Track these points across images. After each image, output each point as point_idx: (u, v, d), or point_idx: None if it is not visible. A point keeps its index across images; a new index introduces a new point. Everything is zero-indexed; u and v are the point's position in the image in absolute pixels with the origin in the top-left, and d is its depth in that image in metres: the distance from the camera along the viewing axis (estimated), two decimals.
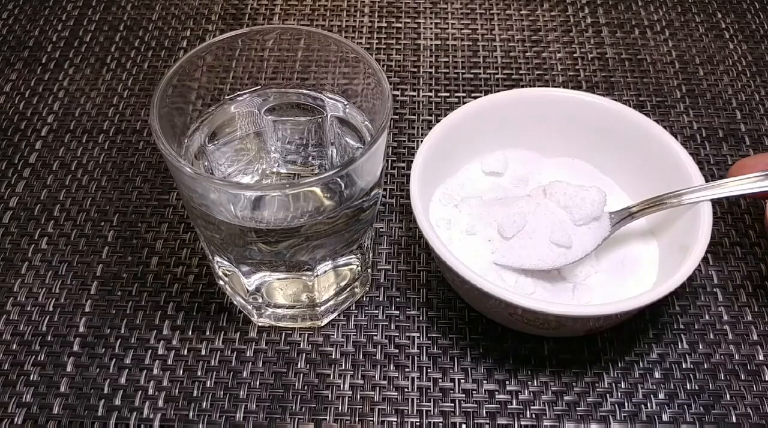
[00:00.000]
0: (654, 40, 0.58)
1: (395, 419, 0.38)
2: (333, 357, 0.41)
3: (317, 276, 0.38)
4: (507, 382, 0.40)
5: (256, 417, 0.38)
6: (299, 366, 0.40)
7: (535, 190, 0.42)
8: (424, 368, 0.40)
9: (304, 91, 0.40)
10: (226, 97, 0.39)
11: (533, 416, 0.38)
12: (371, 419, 0.38)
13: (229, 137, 0.40)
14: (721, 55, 0.57)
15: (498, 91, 0.50)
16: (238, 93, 0.40)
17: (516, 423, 0.38)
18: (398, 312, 0.42)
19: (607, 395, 0.39)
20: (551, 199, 0.40)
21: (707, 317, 0.42)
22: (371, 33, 0.58)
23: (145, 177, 0.49)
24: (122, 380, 0.40)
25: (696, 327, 0.42)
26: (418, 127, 0.52)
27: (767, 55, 0.57)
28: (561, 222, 0.40)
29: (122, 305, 0.43)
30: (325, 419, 0.38)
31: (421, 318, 0.42)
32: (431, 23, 0.59)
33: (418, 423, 0.38)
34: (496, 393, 0.39)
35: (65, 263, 0.44)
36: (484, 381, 0.40)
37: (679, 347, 0.41)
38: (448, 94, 0.54)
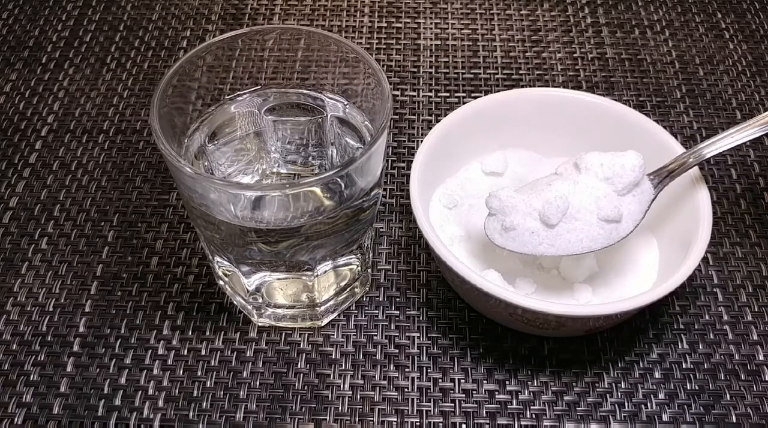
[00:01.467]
0: (654, 40, 0.58)
1: (395, 419, 0.38)
2: (333, 357, 0.41)
3: (317, 276, 0.38)
4: (507, 382, 0.40)
5: (256, 417, 0.38)
6: (299, 366, 0.40)
7: (564, 166, 0.39)
8: (424, 368, 0.40)
9: (304, 91, 0.40)
10: (226, 97, 0.39)
11: (533, 416, 0.38)
12: (371, 419, 0.38)
13: (229, 137, 0.40)
14: (721, 55, 0.57)
15: (498, 91, 0.50)
16: (238, 93, 0.40)
17: (516, 423, 0.38)
18: (398, 312, 0.42)
19: (607, 395, 0.39)
20: (587, 173, 0.38)
21: (707, 317, 0.42)
22: (371, 33, 0.58)
23: (145, 177, 0.49)
24: (122, 380, 0.40)
25: (696, 327, 0.42)
26: (418, 127, 0.52)
27: (767, 55, 0.57)
28: (605, 195, 0.37)
29: (122, 305, 0.43)
30: (325, 419, 0.38)
31: (421, 318, 0.42)
32: (431, 23, 0.59)
33: (418, 423, 0.38)
34: (496, 393, 0.39)
35: (65, 263, 0.44)
36: (484, 381, 0.40)
37: (679, 347, 0.41)
38: (448, 94, 0.54)
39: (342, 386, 0.40)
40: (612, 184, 0.37)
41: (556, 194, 0.37)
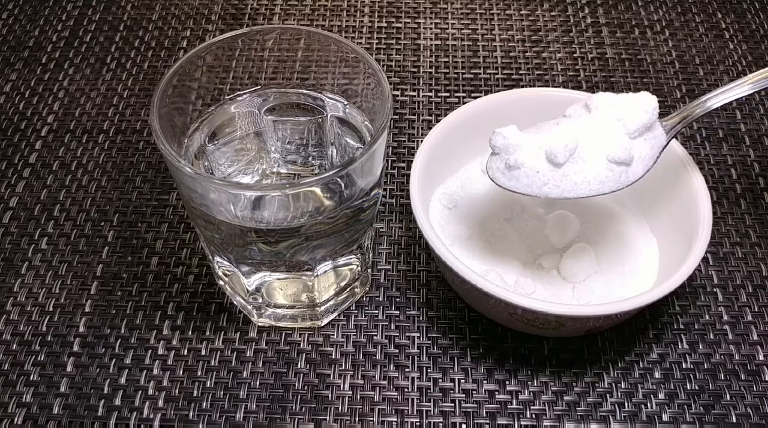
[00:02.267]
0: (654, 40, 0.58)
1: (395, 419, 0.38)
2: (333, 357, 0.41)
3: (317, 276, 0.38)
4: (507, 382, 0.40)
5: (256, 417, 0.38)
6: (299, 366, 0.40)
7: (574, 107, 0.38)
8: (424, 368, 0.40)
9: (304, 91, 0.40)
10: (226, 97, 0.39)
11: (533, 416, 0.38)
12: (371, 419, 0.38)
13: (229, 137, 0.40)
14: (721, 55, 0.57)
15: (498, 91, 0.50)
16: (238, 93, 0.40)
17: (516, 423, 0.38)
18: (398, 312, 0.42)
19: (607, 395, 0.39)
20: (597, 112, 0.36)
21: (707, 317, 0.42)
22: (371, 33, 0.58)
23: (145, 177, 0.49)
24: (122, 380, 0.40)
25: (696, 327, 0.42)
26: (418, 127, 0.52)
27: (767, 55, 0.57)
28: (617, 136, 0.36)
29: (122, 305, 0.43)
30: (325, 419, 0.38)
31: (421, 318, 0.42)
32: (431, 23, 0.59)
33: (418, 423, 0.38)
34: (496, 393, 0.39)
35: (65, 263, 0.44)
36: (484, 381, 0.40)
37: (679, 347, 0.41)
38: (448, 94, 0.54)
39: (342, 386, 0.40)
40: (624, 126, 0.36)
41: (565, 131, 0.36)
